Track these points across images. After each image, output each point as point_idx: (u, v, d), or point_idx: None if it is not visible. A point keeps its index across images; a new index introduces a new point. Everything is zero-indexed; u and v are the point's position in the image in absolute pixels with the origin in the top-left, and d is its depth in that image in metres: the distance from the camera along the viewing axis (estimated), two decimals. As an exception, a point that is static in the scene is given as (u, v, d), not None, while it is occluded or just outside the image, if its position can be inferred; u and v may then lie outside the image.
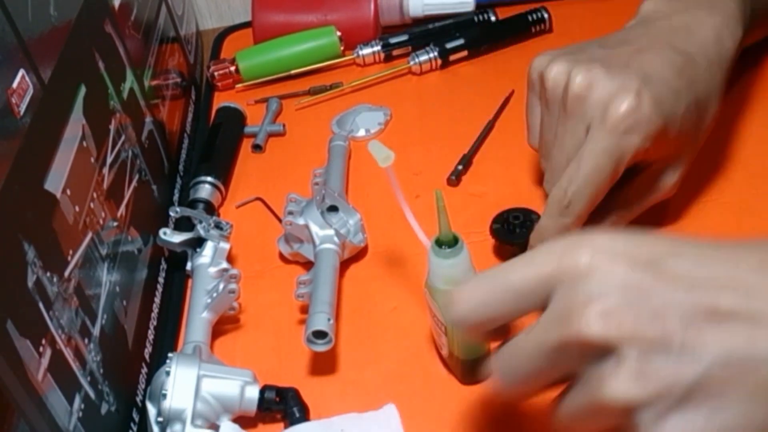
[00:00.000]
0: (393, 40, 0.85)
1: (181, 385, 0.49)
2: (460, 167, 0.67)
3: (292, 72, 0.84)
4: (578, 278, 0.35)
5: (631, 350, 0.33)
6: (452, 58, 0.82)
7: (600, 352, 0.34)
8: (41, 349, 0.42)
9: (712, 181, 0.62)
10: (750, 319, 0.33)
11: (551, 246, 0.37)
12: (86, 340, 0.47)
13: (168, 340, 0.60)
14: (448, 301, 0.39)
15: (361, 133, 0.75)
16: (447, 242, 0.46)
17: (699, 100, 0.53)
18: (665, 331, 0.33)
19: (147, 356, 0.58)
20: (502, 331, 0.40)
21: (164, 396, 0.49)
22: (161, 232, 0.62)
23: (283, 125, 0.78)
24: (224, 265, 0.60)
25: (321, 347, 0.53)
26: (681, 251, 0.35)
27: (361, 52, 0.85)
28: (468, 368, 0.52)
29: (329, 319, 0.53)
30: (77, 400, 0.45)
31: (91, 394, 0.47)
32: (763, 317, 0.33)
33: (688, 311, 0.34)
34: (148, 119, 0.68)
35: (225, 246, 0.61)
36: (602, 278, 0.34)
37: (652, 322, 0.34)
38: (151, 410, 0.51)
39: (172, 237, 0.62)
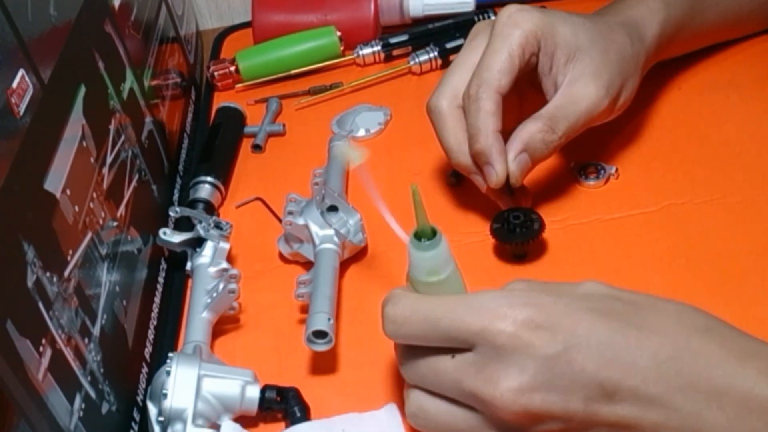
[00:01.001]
0: (393, 40, 0.85)
1: (182, 384, 0.49)
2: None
3: (292, 72, 0.84)
4: (502, 348, 0.40)
5: (537, 425, 0.40)
6: (452, 58, 0.82)
7: (510, 418, 0.40)
8: (41, 348, 0.42)
9: (713, 181, 0.62)
10: (640, 403, 0.39)
11: (483, 303, 0.41)
12: (86, 340, 0.47)
13: (168, 340, 0.60)
14: (383, 314, 0.44)
15: (361, 133, 0.75)
16: (425, 235, 0.47)
17: (599, 27, 0.60)
18: (568, 409, 0.39)
19: (147, 356, 0.57)
20: None
21: (165, 396, 0.49)
22: (161, 232, 0.62)
23: (283, 125, 0.78)
24: (224, 265, 0.60)
25: (321, 347, 0.53)
26: (594, 333, 0.40)
27: (361, 52, 0.85)
28: None
29: (329, 319, 0.53)
30: (78, 399, 0.45)
31: (92, 394, 0.47)
32: (649, 402, 0.39)
33: (591, 392, 0.39)
34: (148, 119, 0.67)
35: (225, 246, 0.61)
36: (521, 354, 0.39)
37: (559, 400, 0.39)
38: (152, 410, 0.51)
39: (172, 237, 0.62)
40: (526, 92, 0.61)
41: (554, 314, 0.40)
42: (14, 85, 0.44)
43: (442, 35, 0.83)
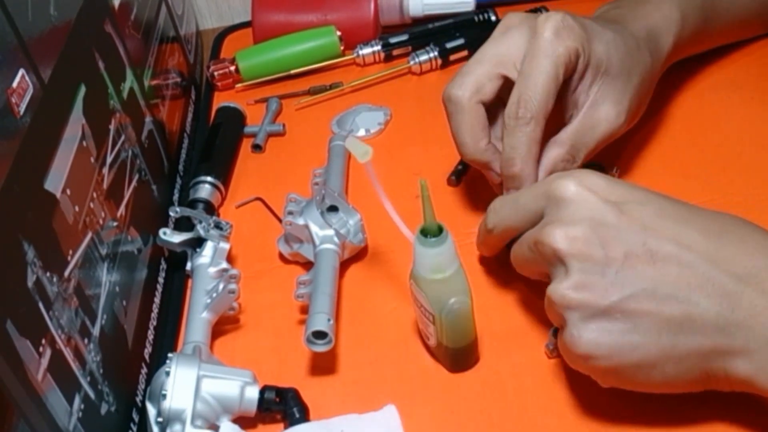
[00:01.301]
0: (393, 40, 0.85)
1: (181, 385, 0.49)
2: (460, 167, 0.67)
3: (292, 72, 0.84)
4: (561, 202, 0.46)
5: (576, 265, 0.44)
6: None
7: (558, 260, 0.45)
8: (41, 349, 0.42)
9: (713, 181, 0.62)
10: (679, 266, 0.43)
11: (551, 176, 0.48)
12: (86, 340, 0.47)
13: (168, 340, 0.60)
14: (490, 207, 0.53)
15: (361, 133, 0.75)
16: (432, 232, 0.47)
17: (628, 45, 0.59)
18: (607, 258, 0.43)
19: (147, 356, 0.57)
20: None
21: (164, 396, 0.49)
22: (161, 232, 0.62)
23: (283, 125, 0.78)
24: (224, 265, 0.60)
25: (321, 347, 0.53)
26: (646, 201, 0.45)
27: (361, 52, 0.85)
28: (456, 356, 0.52)
29: (329, 320, 0.53)
30: (77, 400, 0.45)
31: (91, 395, 0.47)
32: (691, 266, 0.43)
33: (632, 248, 0.43)
34: (148, 119, 0.67)
35: (225, 246, 0.61)
36: (576, 207, 0.45)
37: (600, 248, 0.43)
38: (151, 410, 0.51)
39: (172, 237, 0.62)
40: None
41: (615, 183, 0.46)
42: (14, 84, 0.44)
43: (442, 35, 0.83)
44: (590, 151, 0.58)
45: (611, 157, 0.66)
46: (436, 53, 0.82)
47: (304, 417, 0.51)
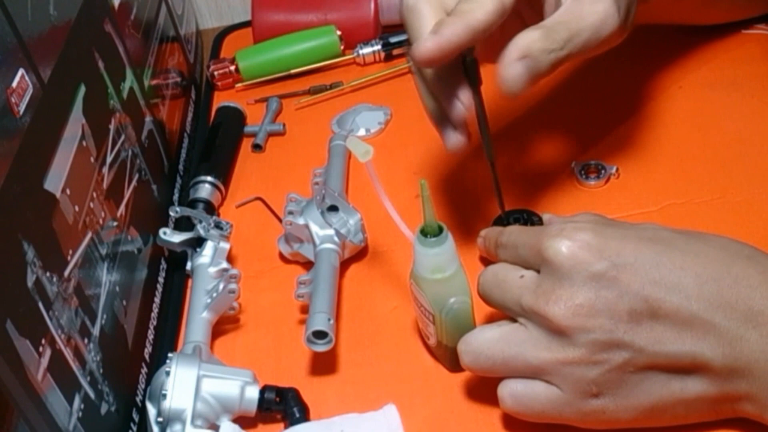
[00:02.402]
0: (393, 40, 0.85)
1: (181, 385, 0.49)
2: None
3: (292, 71, 0.84)
4: (558, 265, 0.44)
5: (585, 334, 0.43)
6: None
7: (561, 328, 0.44)
8: (41, 349, 0.42)
9: (713, 181, 0.62)
10: (682, 319, 0.42)
11: (543, 234, 0.46)
12: (86, 340, 0.47)
13: (168, 340, 0.60)
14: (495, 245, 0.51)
15: (361, 132, 0.75)
16: (432, 232, 0.47)
17: None
18: (613, 321, 0.43)
19: (147, 356, 0.57)
20: None
21: (164, 396, 0.49)
22: (161, 231, 0.62)
23: (283, 125, 0.78)
24: (224, 265, 0.60)
25: (321, 347, 0.53)
26: (641, 253, 0.44)
27: (361, 52, 0.84)
28: (456, 356, 0.52)
29: (329, 319, 0.53)
30: (77, 400, 0.45)
31: (91, 394, 0.47)
32: (694, 318, 0.42)
33: (635, 306, 0.43)
34: (148, 119, 0.67)
35: (225, 246, 0.61)
36: (573, 271, 0.44)
37: (605, 312, 0.43)
38: (151, 410, 0.51)
39: (172, 237, 0.62)
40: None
41: (604, 238, 0.45)
42: (14, 84, 0.44)
43: (443, 35, 0.83)
44: (576, 37, 0.50)
45: (611, 156, 0.66)
46: (436, 53, 0.81)
47: (304, 417, 0.51)
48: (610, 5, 0.52)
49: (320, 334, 0.52)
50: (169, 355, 0.51)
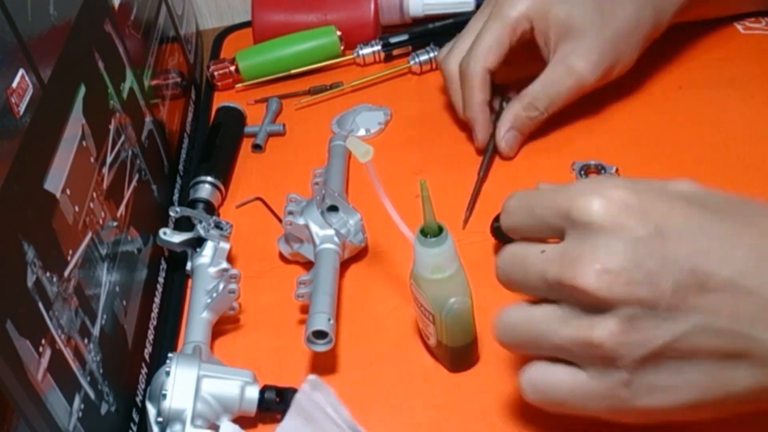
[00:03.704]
0: (393, 40, 0.85)
1: (181, 385, 0.49)
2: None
3: (292, 72, 0.84)
4: (588, 229, 0.38)
5: (620, 308, 0.37)
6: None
7: (591, 301, 0.38)
8: (41, 349, 0.42)
9: (713, 181, 0.62)
10: (735, 295, 0.37)
11: (576, 185, 0.40)
12: (86, 340, 0.47)
13: (168, 340, 0.60)
14: (504, 206, 0.44)
15: (361, 132, 0.75)
16: (432, 232, 0.47)
17: (598, 3, 0.63)
18: (655, 294, 0.37)
19: (147, 356, 0.57)
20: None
21: (164, 396, 0.49)
22: (161, 232, 0.62)
23: (283, 125, 0.78)
24: (224, 265, 0.60)
25: (321, 347, 0.53)
26: (690, 220, 0.38)
27: (361, 52, 0.84)
28: (456, 356, 0.52)
29: (329, 319, 0.53)
30: (77, 400, 0.45)
31: (91, 395, 0.47)
32: (748, 294, 0.37)
33: (681, 278, 0.37)
34: (148, 119, 0.67)
35: (225, 246, 0.61)
36: (610, 234, 0.38)
37: (645, 284, 0.37)
38: (151, 410, 0.51)
39: (172, 237, 0.62)
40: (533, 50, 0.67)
41: (647, 198, 0.39)
42: (14, 84, 0.44)
43: (443, 35, 0.83)
44: (555, 102, 0.64)
45: (611, 156, 0.66)
46: (436, 53, 0.81)
47: (304, 417, 0.51)
48: (588, 65, 0.63)
49: (320, 334, 0.52)
50: (169, 355, 0.51)
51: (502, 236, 0.58)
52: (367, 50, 0.84)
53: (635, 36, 0.64)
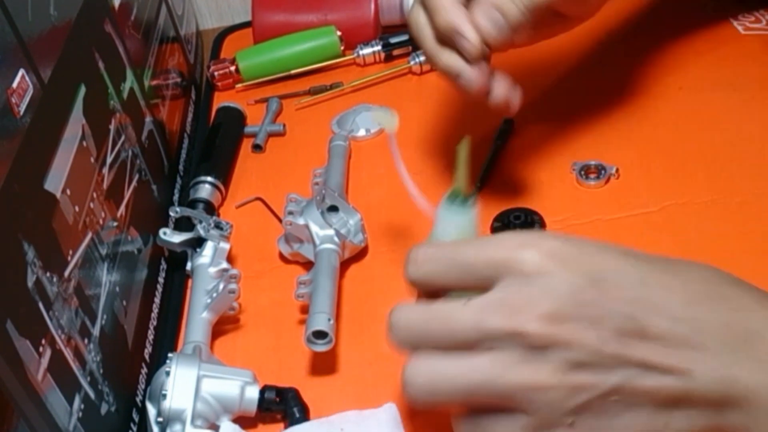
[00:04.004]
0: (393, 40, 0.85)
1: (181, 385, 0.49)
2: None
3: (292, 72, 0.84)
4: (527, 276, 0.38)
5: (565, 352, 0.37)
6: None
7: (537, 345, 0.37)
8: (41, 349, 0.42)
9: (713, 181, 0.62)
10: (672, 341, 0.37)
11: (506, 237, 0.40)
12: (86, 340, 0.47)
13: (168, 340, 0.60)
14: (407, 258, 0.42)
15: (361, 133, 0.75)
16: (461, 196, 0.45)
17: None
18: (600, 339, 0.37)
19: (147, 356, 0.57)
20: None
21: (164, 396, 0.49)
22: (161, 232, 0.62)
23: (283, 125, 0.78)
24: (224, 265, 0.60)
25: (321, 347, 0.53)
26: (625, 270, 0.38)
27: (361, 52, 0.84)
28: None
29: (329, 319, 0.53)
30: (77, 400, 0.45)
31: (91, 395, 0.47)
32: (684, 341, 0.37)
33: (622, 324, 0.37)
34: (148, 119, 0.67)
35: (225, 246, 0.61)
36: (550, 281, 0.37)
37: (591, 329, 0.37)
38: (151, 410, 0.51)
39: (172, 237, 0.62)
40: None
41: (582, 249, 0.39)
42: (14, 84, 0.44)
43: (443, 35, 0.83)
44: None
45: (611, 157, 0.66)
46: (436, 53, 0.81)
47: (305, 417, 0.51)
48: None
49: (320, 334, 0.52)
50: (169, 355, 0.51)
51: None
52: (367, 50, 0.84)
53: None
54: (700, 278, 0.40)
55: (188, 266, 0.63)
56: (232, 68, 0.85)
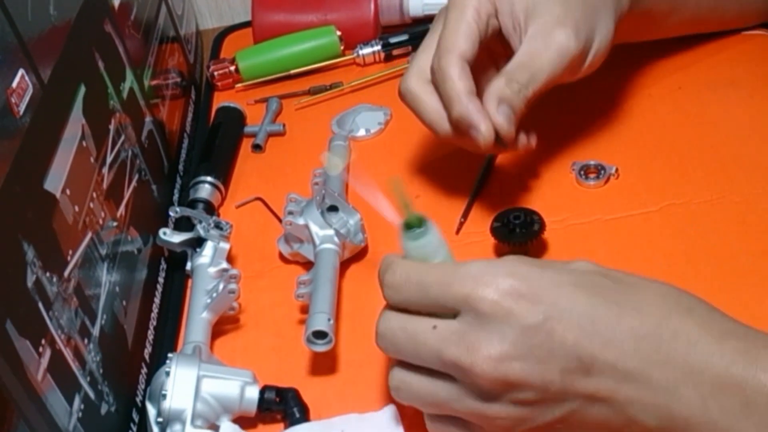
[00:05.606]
0: (393, 40, 0.85)
1: (181, 385, 0.49)
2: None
3: (292, 72, 0.84)
4: (485, 315, 0.41)
5: (511, 393, 0.40)
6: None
7: (486, 386, 0.41)
8: (41, 349, 0.42)
9: (713, 181, 0.62)
10: (615, 379, 0.40)
11: (469, 271, 0.42)
12: (86, 341, 0.47)
13: (168, 340, 0.60)
14: (380, 281, 0.45)
15: (361, 133, 0.75)
16: (413, 224, 0.46)
17: None
18: (545, 380, 0.40)
19: (147, 356, 0.57)
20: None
21: (164, 396, 0.49)
22: (161, 232, 0.62)
23: (283, 125, 0.78)
24: (224, 265, 0.60)
25: (321, 347, 0.53)
26: (576, 308, 0.41)
27: (361, 52, 0.84)
28: None
29: (329, 319, 0.53)
30: (77, 400, 0.45)
31: (91, 395, 0.47)
32: (626, 378, 0.40)
33: (568, 365, 0.40)
34: (148, 119, 0.67)
35: (225, 246, 0.61)
36: (503, 323, 0.40)
37: (536, 372, 0.40)
38: (151, 411, 0.51)
39: (171, 237, 0.62)
40: (503, 57, 0.60)
41: (537, 286, 0.41)
42: (14, 84, 0.44)
43: (442, 35, 0.83)
44: (545, 76, 0.56)
45: (611, 157, 0.66)
46: (436, 53, 0.81)
47: (304, 417, 0.51)
48: (567, 35, 0.56)
49: (320, 334, 0.52)
50: (169, 355, 0.51)
51: (502, 236, 0.58)
52: (367, 50, 0.84)
53: (604, 6, 0.59)
54: (652, 311, 0.41)
55: (188, 266, 0.63)
56: (232, 68, 0.85)
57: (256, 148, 0.77)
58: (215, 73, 0.86)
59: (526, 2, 0.57)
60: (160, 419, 0.49)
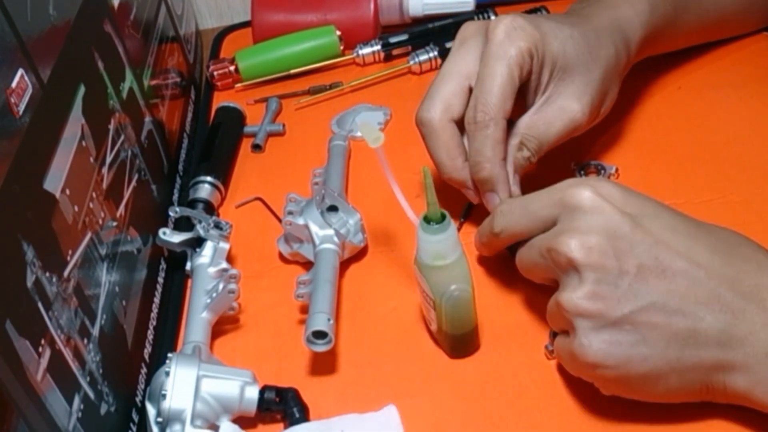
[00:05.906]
0: (393, 40, 0.85)
1: (181, 385, 0.49)
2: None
3: (292, 72, 0.84)
4: (576, 210, 0.46)
5: (591, 275, 0.44)
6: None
7: (572, 269, 0.45)
8: (40, 349, 0.42)
9: (713, 181, 0.62)
10: (689, 281, 0.44)
11: (564, 183, 0.48)
12: (85, 341, 0.47)
13: (167, 340, 0.60)
14: (498, 210, 0.53)
15: (361, 133, 0.75)
16: (435, 219, 0.48)
17: (587, 39, 0.59)
18: (621, 270, 0.44)
19: (146, 356, 0.57)
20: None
21: (164, 396, 0.49)
22: (161, 232, 0.62)
23: (283, 125, 0.78)
24: (224, 265, 0.60)
25: (321, 347, 0.53)
26: (659, 215, 0.46)
27: (360, 52, 0.84)
28: (456, 342, 0.53)
29: (329, 319, 0.53)
30: (76, 400, 0.45)
31: (91, 395, 0.47)
32: (699, 282, 0.44)
33: (645, 261, 0.44)
34: (148, 119, 0.67)
35: (225, 246, 0.61)
36: (592, 216, 0.45)
37: (615, 260, 0.44)
38: (151, 410, 0.51)
39: (171, 237, 0.62)
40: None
41: (630, 193, 0.46)
42: (14, 84, 0.44)
43: (442, 35, 0.83)
44: (550, 144, 0.58)
45: (611, 157, 0.66)
46: (436, 53, 0.82)
47: (304, 417, 0.51)
48: (582, 111, 0.58)
49: (320, 334, 0.52)
50: (169, 355, 0.51)
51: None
52: (366, 50, 0.84)
53: (616, 74, 0.61)
54: (725, 237, 0.46)
55: (188, 266, 0.63)
56: (232, 68, 0.85)
57: (256, 148, 0.77)
58: (215, 73, 0.86)
59: (555, 65, 0.57)
60: (159, 419, 0.49)
